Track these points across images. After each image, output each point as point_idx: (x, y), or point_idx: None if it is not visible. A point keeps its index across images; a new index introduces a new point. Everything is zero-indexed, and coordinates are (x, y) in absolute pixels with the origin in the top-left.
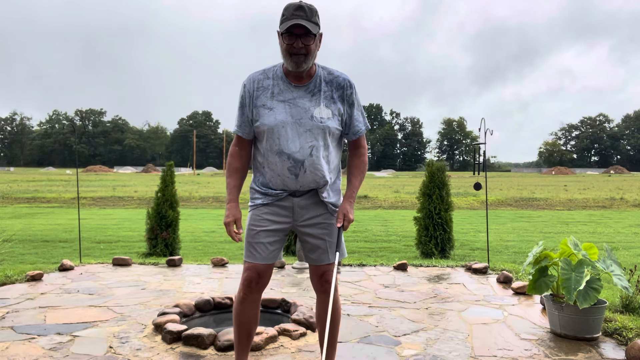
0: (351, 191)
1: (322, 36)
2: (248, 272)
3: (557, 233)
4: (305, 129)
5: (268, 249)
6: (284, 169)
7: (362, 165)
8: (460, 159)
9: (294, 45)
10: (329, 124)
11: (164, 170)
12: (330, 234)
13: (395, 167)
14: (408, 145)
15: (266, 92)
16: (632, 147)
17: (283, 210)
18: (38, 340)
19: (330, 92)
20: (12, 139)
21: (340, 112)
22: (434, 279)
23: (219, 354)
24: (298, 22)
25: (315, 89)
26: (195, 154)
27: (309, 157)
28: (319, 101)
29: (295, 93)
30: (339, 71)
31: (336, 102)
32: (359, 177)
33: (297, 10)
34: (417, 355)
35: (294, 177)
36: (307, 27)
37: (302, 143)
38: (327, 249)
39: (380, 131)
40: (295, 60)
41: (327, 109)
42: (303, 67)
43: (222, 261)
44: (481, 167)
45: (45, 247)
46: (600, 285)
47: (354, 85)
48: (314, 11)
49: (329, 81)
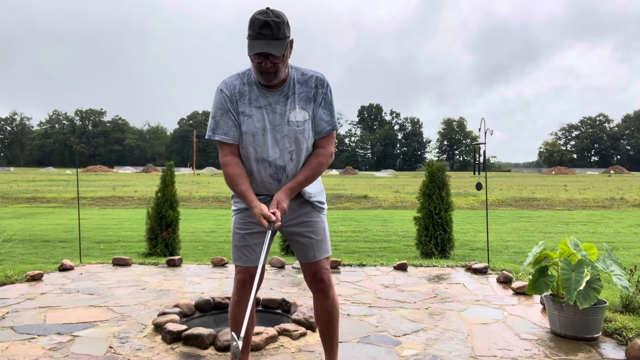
0: (292, 183)
1: (294, 42)
2: (240, 275)
3: (557, 233)
4: (283, 135)
5: (255, 251)
6: (266, 176)
7: (315, 163)
8: (460, 159)
9: (262, 65)
10: (305, 126)
11: (164, 170)
12: (316, 232)
13: (395, 167)
14: (408, 145)
15: (243, 99)
16: (632, 147)
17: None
18: (38, 340)
19: (304, 92)
20: (12, 139)
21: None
22: (434, 279)
23: (219, 354)
24: (262, 52)
25: (289, 92)
26: (195, 154)
27: (290, 162)
28: (294, 104)
29: (271, 98)
30: (314, 70)
31: (311, 102)
32: (306, 174)
33: (263, 29)
34: (417, 355)
35: (277, 183)
36: (271, 52)
37: (281, 149)
38: (313, 247)
39: (380, 131)
40: (265, 77)
41: (302, 111)
42: (273, 82)
43: (222, 261)
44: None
45: (45, 247)
46: (600, 285)
47: (326, 83)
48: (281, 24)
49: (303, 82)
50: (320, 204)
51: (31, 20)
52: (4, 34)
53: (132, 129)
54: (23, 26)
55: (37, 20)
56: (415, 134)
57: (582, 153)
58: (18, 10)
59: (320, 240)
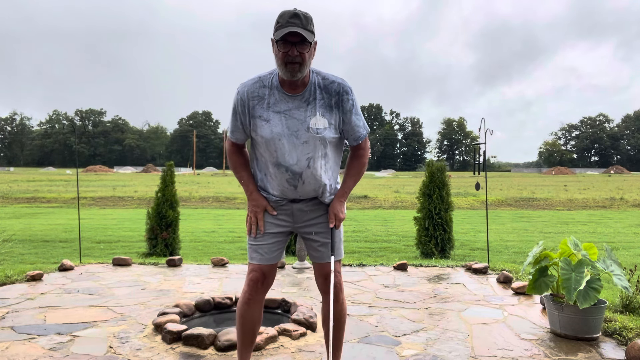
0: (343, 190)
1: (317, 44)
2: (253, 273)
3: (557, 233)
4: (302, 141)
5: (271, 250)
6: (283, 180)
7: (359, 166)
8: (460, 159)
9: (289, 54)
10: (325, 134)
11: (164, 170)
12: (331, 233)
13: (395, 167)
14: (408, 145)
15: (262, 103)
16: (632, 147)
17: (283, 214)
18: (38, 340)
19: (326, 99)
20: (12, 139)
21: (337, 120)
22: (434, 279)
23: (219, 354)
24: (294, 30)
25: (310, 97)
26: (195, 154)
27: (306, 169)
28: (315, 110)
29: (291, 104)
30: (335, 75)
31: (332, 109)
32: (354, 178)
33: (293, 18)
34: (417, 355)
35: (293, 188)
36: (302, 34)
37: (299, 155)
38: (328, 248)
39: (380, 131)
40: (290, 69)
41: (322, 118)
42: (298, 75)
43: (222, 261)
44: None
45: (45, 247)
46: (600, 285)
47: (350, 90)
48: (310, 19)
49: (324, 87)
50: None
51: (31, 18)
52: (4, 34)
53: (132, 129)
54: (23, 25)
55: (37, 19)
56: (415, 134)
57: (582, 153)
58: (19, 10)
59: (334, 242)
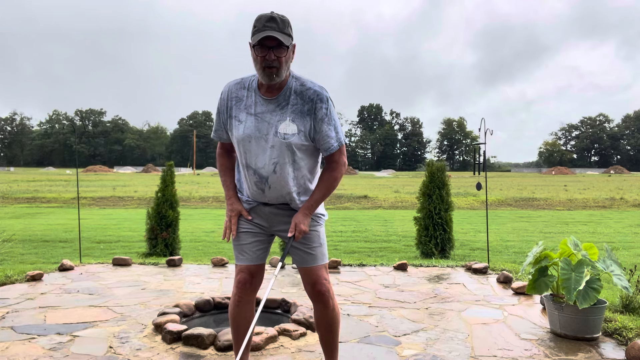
0: (309, 202)
1: (295, 47)
2: (241, 274)
3: (557, 233)
4: (270, 145)
5: (253, 250)
6: (252, 183)
7: (330, 179)
8: (460, 159)
9: (267, 58)
10: (292, 140)
11: (164, 170)
12: (310, 238)
13: (395, 167)
14: (408, 145)
15: (240, 104)
16: (632, 147)
17: (258, 216)
18: (38, 340)
19: (299, 105)
20: (12, 139)
21: (308, 127)
22: (434, 279)
23: (219, 354)
24: (270, 34)
25: (284, 102)
26: (195, 154)
27: (272, 174)
28: (286, 115)
29: (265, 107)
30: (314, 83)
31: (305, 116)
32: (322, 191)
33: (269, 22)
34: (417, 355)
35: (261, 192)
36: (279, 38)
37: (266, 159)
38: (308, 254)
39: (380, 131)
40: (268, 73)
41: (292, 123)
42: (275, 79)
43: (222, 261)
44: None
45: (45, 247)
46: (600, 285)
47: (326, 98)
48: (287, 22)
49: (300, 93)
50: (316, 216)
51: (32, 18)
52: (5, 34)
53: (132, 129)
54: (23, 24)
55: (37, 18)
56: (415, 134)
57: (582, 153)
58: (19, 10)
59: (315, 248)
